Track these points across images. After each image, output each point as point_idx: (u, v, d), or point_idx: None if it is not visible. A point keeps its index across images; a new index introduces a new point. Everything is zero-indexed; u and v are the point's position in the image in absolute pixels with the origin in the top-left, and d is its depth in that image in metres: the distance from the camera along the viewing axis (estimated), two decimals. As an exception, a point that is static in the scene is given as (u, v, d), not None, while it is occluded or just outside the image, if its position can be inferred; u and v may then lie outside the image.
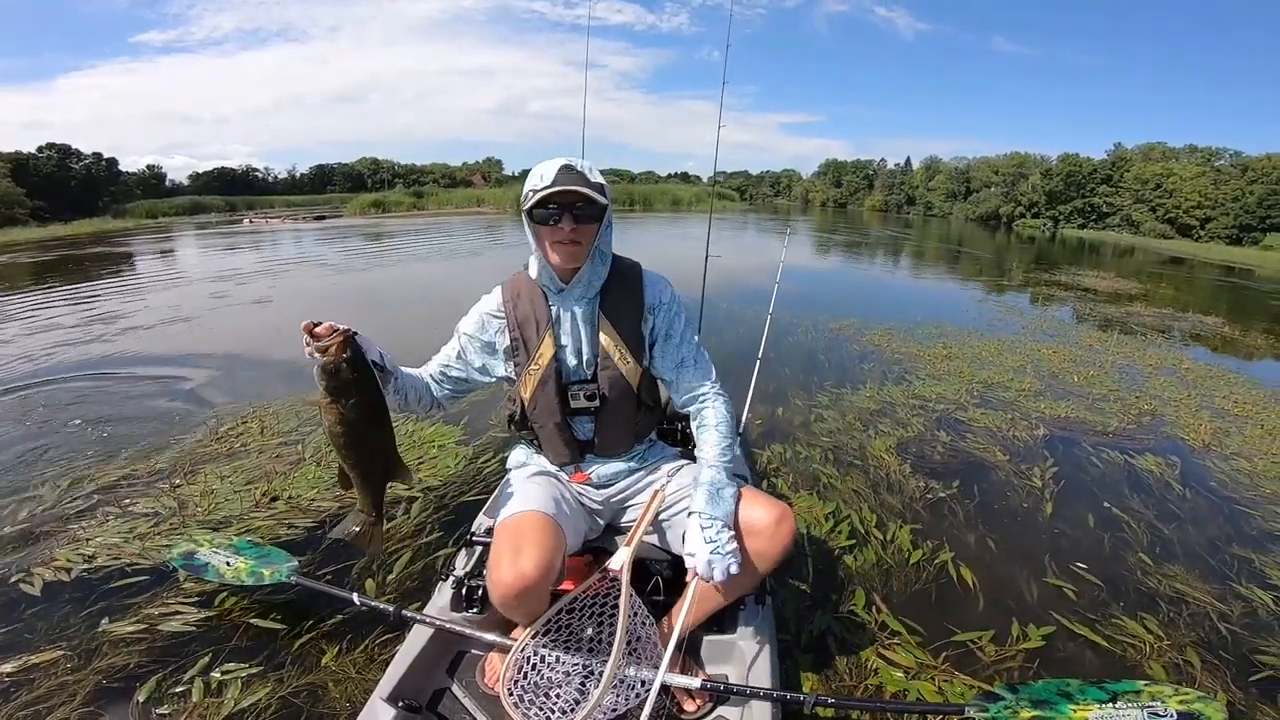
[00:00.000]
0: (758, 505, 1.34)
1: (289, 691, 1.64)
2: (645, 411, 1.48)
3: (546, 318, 1.39)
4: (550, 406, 1.41)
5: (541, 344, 1.39)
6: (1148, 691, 1.27)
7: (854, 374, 4.68)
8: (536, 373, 1.40)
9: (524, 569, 1.19)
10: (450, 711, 1.44)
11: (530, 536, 1.25)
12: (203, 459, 3.01)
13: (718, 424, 1.41)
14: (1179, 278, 15.36)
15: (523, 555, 1.21)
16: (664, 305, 1.43)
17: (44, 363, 4.80)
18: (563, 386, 1.41)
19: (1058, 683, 1.32)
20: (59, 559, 2.20)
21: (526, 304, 1.40)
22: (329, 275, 9.73)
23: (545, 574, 1.21)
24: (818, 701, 1.36)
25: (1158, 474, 3.16)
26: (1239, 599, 2.18)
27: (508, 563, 1.21)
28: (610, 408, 1.42)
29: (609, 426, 1.45)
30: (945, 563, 2.31)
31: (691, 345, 1.47)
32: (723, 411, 1.43)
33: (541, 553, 1.22)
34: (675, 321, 1.44)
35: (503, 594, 1.22)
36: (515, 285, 1.43)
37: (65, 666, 1.71)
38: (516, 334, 1.41)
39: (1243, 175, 36.83)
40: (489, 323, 1.44)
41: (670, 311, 1.44)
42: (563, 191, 1.24)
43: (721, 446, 1.38)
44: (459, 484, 2.76)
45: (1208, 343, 6.81)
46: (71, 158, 44.49)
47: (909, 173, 63.20)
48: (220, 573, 1.91)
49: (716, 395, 1.45)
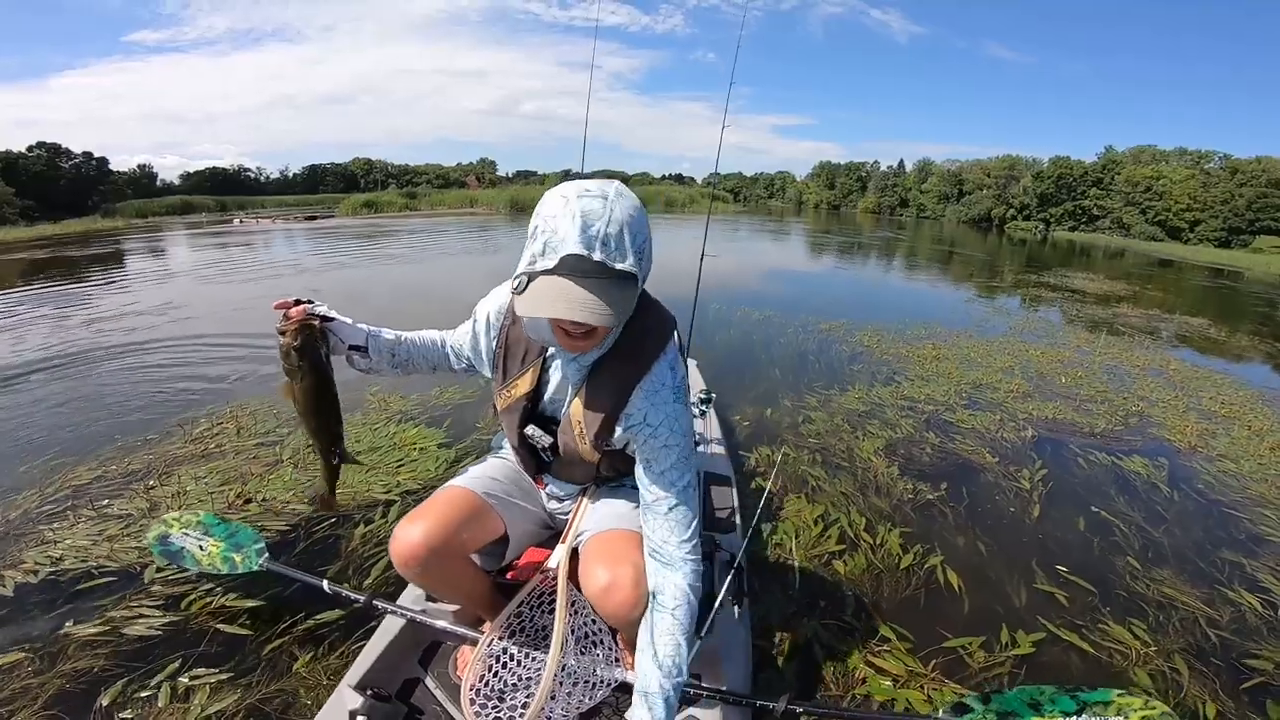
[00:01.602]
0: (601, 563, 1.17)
1: (257, 698, 1.59)
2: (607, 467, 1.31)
3: (538, 351, 1.21)
4: (512, 428, 1.29)
5: (521, 377, 1.23)
6: (1117, 702, 1.25)
7: (843, 375, 4.65)
8: (506, 399, 1.26)
9: (410, 535, 1.18)
10: (421, 701, 1.41)
11: (435, 507, 1.23)
12: (178, 460, 2.95)
13: (675, 608, 1.09)
14: (1168, 280, 15.48)
15: (414, 523, 1.19)
16: (648, 427, 1.13)
17: (10, 360, 4.71)
18: (526, 419, 1.26)
19: (1031, 690, 1.29)
20: (26, 561, 2.14)
21: (520, 329, 1.21)
22: (299, 278, 9.66)
23: (435, 543, 1.18)
24: (789, 704, 1.32)
25: (1145, 476, 3.15)
26: (1228, 603, 2.17)
27: (399, 529, 1.20)
28: (566, 460, 1.29)
29: (566, 465, 1.32)
30: (935, 567, 2.28)
31: (672, 488, 1.13)
32: (685, 591, 1.10)
33: (435, 522, 1.20)
34: (660, 455, 1.13)
35: (394, 560, 1.21)
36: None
37: (27, 669, 1.67)
38: (502, 352, 1.25)
39: (1232, 178, 37.21)
40: (489, 324, 1.27)
41: (655, 438, 1.13)
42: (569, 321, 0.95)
43: (674, 645, 1.08)
44: (439, 486, 2.71)
45: (1194, 344, 6.84)
46: (61, 157, 44.15)
47: (902, 175, 63.51)
48: (196, 559, 1.87)
49: (685, 561, 1.12)
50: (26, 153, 42.01)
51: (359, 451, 3.02)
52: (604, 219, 0.91)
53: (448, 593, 1.32)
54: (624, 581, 1.12)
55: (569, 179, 1.02)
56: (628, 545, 1.19)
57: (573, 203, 0.92)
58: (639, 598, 1.12)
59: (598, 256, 0.91)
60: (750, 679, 1.44)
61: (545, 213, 0.95)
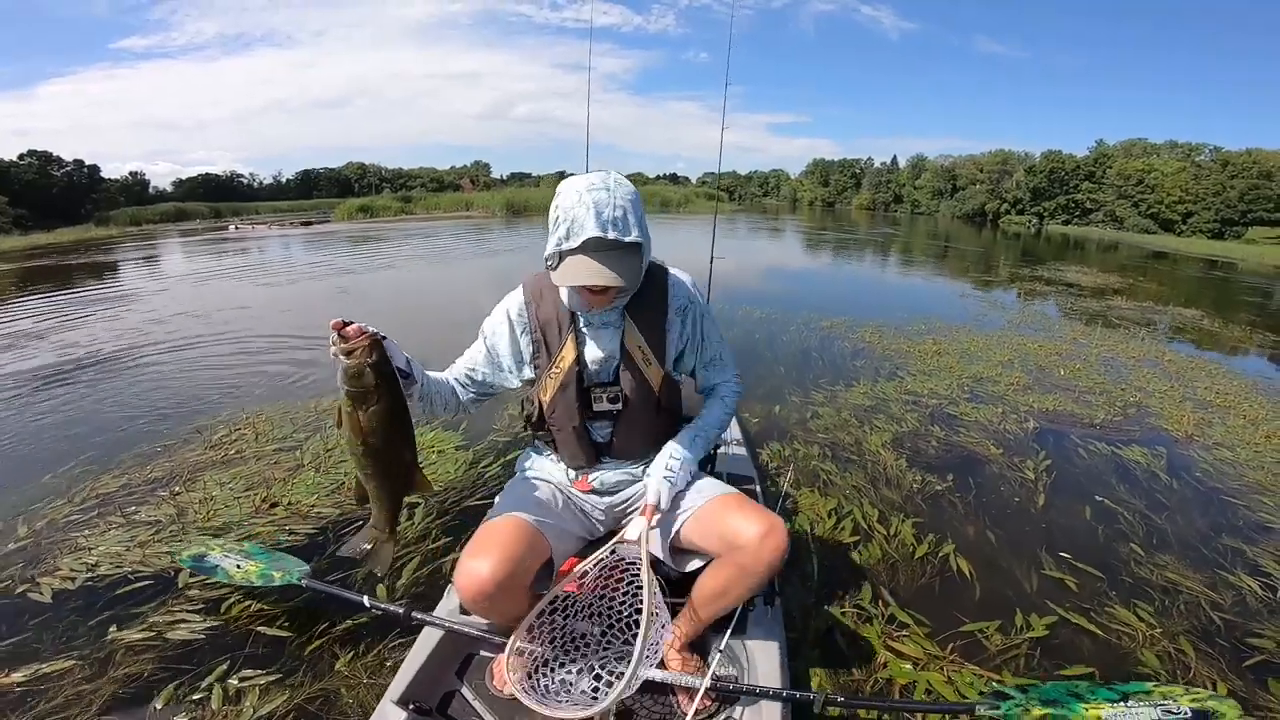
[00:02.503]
0: (746, 516, 1.29)
1: (303, 699, 1.64)
2: (664, 416, 1.47)
3: (569, 319, 1.36)
4: (570, 410, 1.39)
5: (563, 347, 1.37)
6: (1158, 691, 1.30)
7: (847, 371, 4.73)
8: (557, 376, 1.38)
9: (478, 572, 1.20)
10: (460, 714, 1.44)
11: (495, 539, 1.25)
12: (199, 466, 3.00)
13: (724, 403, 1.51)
14: (1161, 272, 15.61)
15: (479, 559, 1.21)
16: (691, 308, 1.42)
17: (21, 368, 4.75)
18: (584, 390, 1.39)
19: (1067, 684, 1.35)
20: (62, 569, 2.19)
21: (549, 305, 1.37)
22: (300, 284, 9.68)
23: (500, 578, 1.20)
24: (828, 700, 1.38)
25: (1145, 465, 3.23)
26: (1229, 587, 2.24)
27: (465, 566, 1.23)
28: (631, 411, 1.41)
29: (627, 429, 1.44)
30: (948, 555, 2.35)
31: (716, 344, 1.48)
32: (730, 404, 1.52)
33: (501, 556, 1.22)
34: (701, 324, 1.44)
35: (461, 596, 1.24)
36: (538, 285, 1.39)
37: (79, 675, 1.71)
38: (539, 335, 1.38)
39: (1223, 170, 37.45)
40: (512, 323, 1.40)
41: (696, 313, 1.43)
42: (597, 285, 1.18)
43: (719, 420, 1.49)
44: (461, 489, 2.77)
45: (1189, 335, 6.94)
46: (53, 165, 44.03)
47: (896, 171, 63.72)
48: (230, 575, 1.92)
49: (729, 387, 1.52)
50: (18, 161, 41.84)
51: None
52: (610, 205, 1.17)
53: (509, 621, 1.34)
54: (778, 526, 1.27)
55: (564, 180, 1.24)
56: (752, 503, 1.35)
57: (585, 195, 1.17)
58: (788, 543, 1.28)
59: (611, 235, 1.16)
60: (787, 675, 1.48)
61: (564, 205, 1.19)
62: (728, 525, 1.30)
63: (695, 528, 1.36)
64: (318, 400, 3.84)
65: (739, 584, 1.31)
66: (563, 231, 1.18)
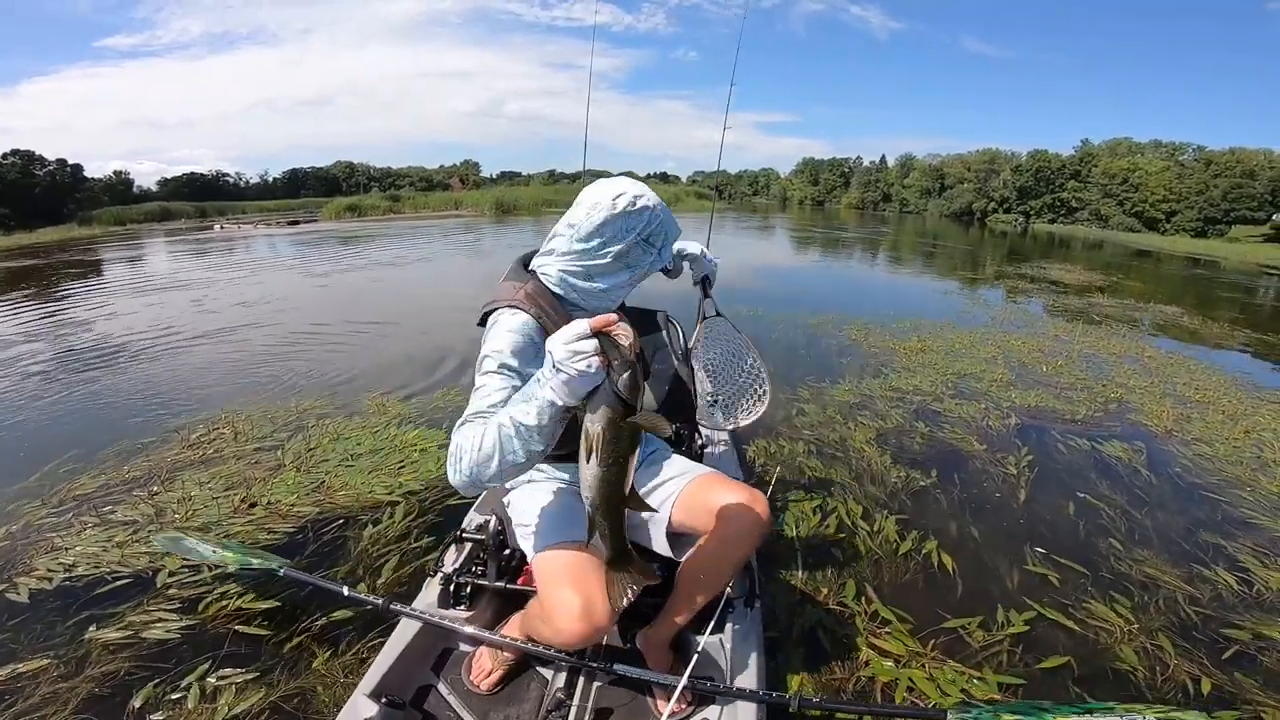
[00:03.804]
0: (729, 490, 1.32)
1: (279, 696, 1.63)
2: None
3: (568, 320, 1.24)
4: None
5: None
6: (1121, 708, 1.32)
7: (833, 368, 4.75)
8: None
9: (598, 619, 1.13)
10: (435, 709, 1.42)
11: (595, 578, 1.15)
12: (178, 466, 2.96)
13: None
14: (1145, 270, 15.81)
15: (596, 603, 1.13)
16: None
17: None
18: None
19: (1033, 702, 1.37)
20: (39, 569, 2.17)
21: (551, 312, 1.24)
22: (295, 283, 9.59)
23: (615, 618, 1.15)
24: (803, 702, 1.39)
25: (1125, 460, 3.27)
26: (1206, 581, 2.26)
27: (580, 612, 1.12)
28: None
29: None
30: (930, 551, 2.36)
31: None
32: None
33: (605, 597, 1.13)
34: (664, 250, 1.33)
35: (568, 641, 1.16)
36: (533, 297, 1.25)
37: (55, 674, 1.70)
38: None
39: (1206, 169, 37.97)
40: (535, 343, 1.20)
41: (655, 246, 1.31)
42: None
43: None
44: (442, 487, 2.74)
45: (1170, 332, 7.04)
46: (35, 164, 43.31)
47: (884, 170, 64.10)
48: (206, 557, 1.91)
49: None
50: (1, 161, 41.18)
51: (359, 454, 3.06)
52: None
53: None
54: (760, 497, 1.31)
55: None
56: (733, 479, 1.38)
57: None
58: (770, 514, 1.31)
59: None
60: (764, 677, 1.47)
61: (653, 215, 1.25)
62: (714, 499, 1.32)
63: (683, 508, 1.36)
64: (299, 400, 3.80)
65: (728, 556, 1.31)
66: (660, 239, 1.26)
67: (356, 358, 4.86)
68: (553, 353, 0.93)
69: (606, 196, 1.18)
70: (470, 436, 1.03)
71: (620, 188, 1.20)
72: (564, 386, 0.93)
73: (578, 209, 1.21)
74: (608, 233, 1.19)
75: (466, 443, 1.03)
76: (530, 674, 1.51)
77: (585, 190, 1.23)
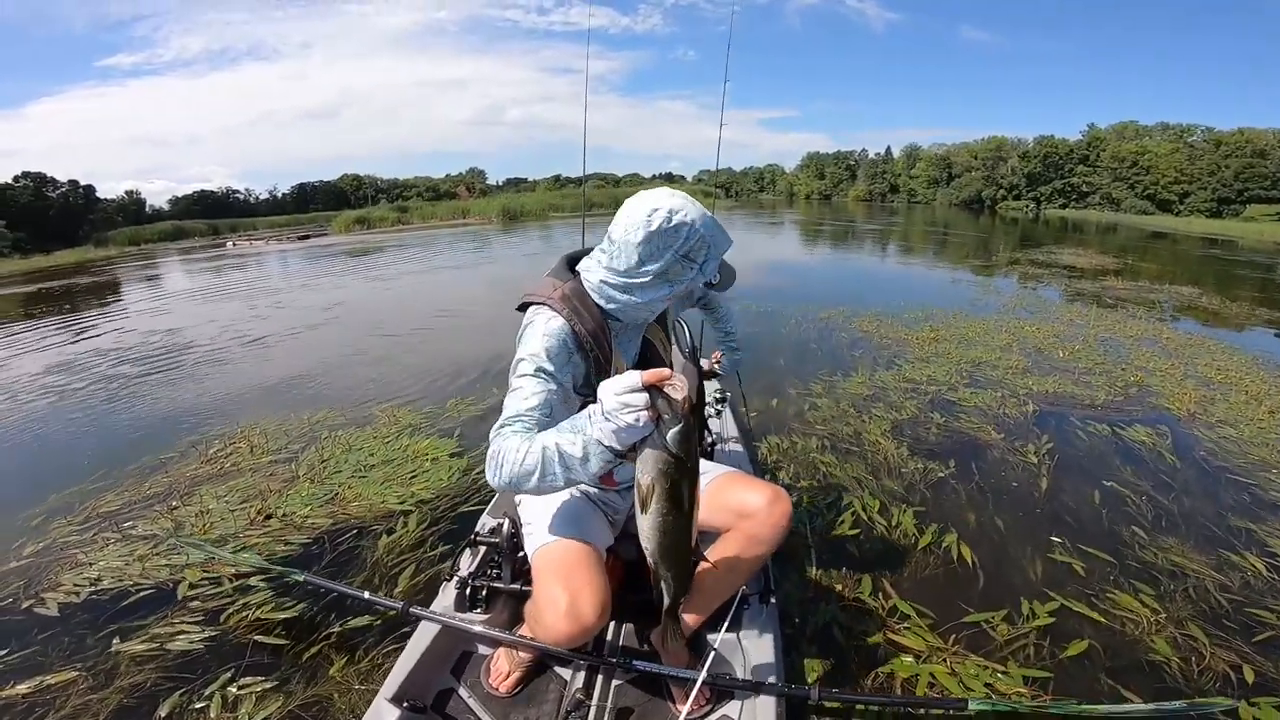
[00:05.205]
0: (751, 488, 1.33)
1: (298, 704, 1.64)
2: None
3: (605, 327, 1.24)
4: None
5: (613, 354, 1.26)
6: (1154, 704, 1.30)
7: (845, 361, 4.71)
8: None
9: (584, 618, 1.14)
10: (455, 712, 1.42)
11: (583, 575, 1.19)
12: (196, 480, 2.99)
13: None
14: (1161, 252, 15.57)
15: (581, 600, 1.15)
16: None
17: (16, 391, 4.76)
18: None
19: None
20: (65, 583, 2.21)
21: (587, 318, 1.22)
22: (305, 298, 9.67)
23: (604, 616, 1.17)
24: (822, 695, 1.38)
25: (1149, 445, 3.20)
26: (1235, 568, 2.20)
27: (565, 609, 1.14)
28: None
29: None
30: (950, 544, 2.32)
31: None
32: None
33: (596, 594, 1.17)
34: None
35: (556, 639, 1.18)
36: (568, 298, 1.23)
37: (84, 686, 1.73)
38: (593, 352, 1.23)
39: (1216, 150, 37.41)
40: (570, 349, 1.20)
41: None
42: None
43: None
44: (454, 495, 2.75)
45: (1189, 313, 6.93)
46: (47, 186, 43.97)
47: (890, 161, 63.59)
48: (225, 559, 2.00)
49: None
50: (13, 183, 41.83)
51: (372, 465, 3.07)
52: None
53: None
54: (782, 494, 1.32)
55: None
56: (753, 477, 1.42)
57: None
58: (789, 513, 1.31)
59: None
60: (781, 671, 1.47)
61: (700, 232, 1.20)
62: (735, 497, 1.32)
63: (705, 508, 1.31)
64: (311, 413, 3.82)
65: (749, 553, 1.31)
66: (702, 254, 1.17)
67: (368, 369, 4.90)
68: (602, 400, 0.93)
69: (641, 213, 1.12)
70: (514, 449, 1.02)
71: (656, 202, 1.12)
72: (611, 435, 0.93)
73: (616, 224, 1.16)
74: (645, 251, 1.13)
75: (510, 454, 1.02)
76: (548, 675, 1.50)
77: (626, 202, 1.17)
